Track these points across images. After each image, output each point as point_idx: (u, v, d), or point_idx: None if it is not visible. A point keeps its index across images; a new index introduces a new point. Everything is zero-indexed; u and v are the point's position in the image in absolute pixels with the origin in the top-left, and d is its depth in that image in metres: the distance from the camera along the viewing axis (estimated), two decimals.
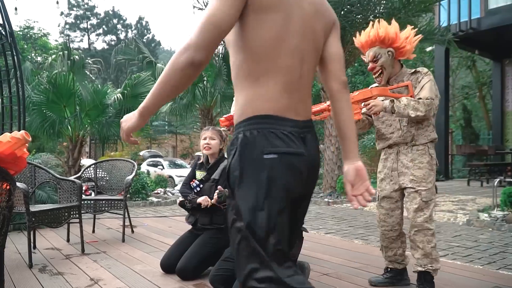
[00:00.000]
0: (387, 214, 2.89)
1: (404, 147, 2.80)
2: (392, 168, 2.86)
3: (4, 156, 1.63)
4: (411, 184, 2.72)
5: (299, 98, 1.42)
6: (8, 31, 5.18)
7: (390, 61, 2.77)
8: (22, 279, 3.09)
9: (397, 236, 2.90)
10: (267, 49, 1.32)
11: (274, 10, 1.31)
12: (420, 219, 2.68)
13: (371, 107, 2.67)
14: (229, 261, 2.77)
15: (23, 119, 5.30)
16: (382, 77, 2.81)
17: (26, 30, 26.81)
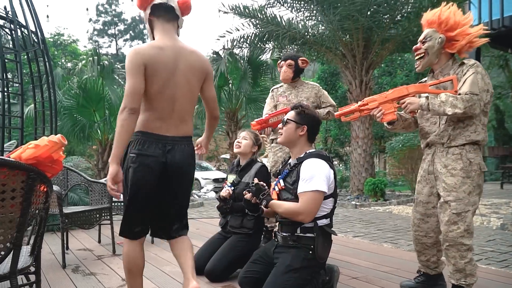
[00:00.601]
0: (421, 220, 2.73)
1: (440, 149, 2.59)
2: (428, 170, 2.68)
3: (42, 159, 1.68)
4: (442, 192, 2.53)
5: (171, 123, 2.22)
6: (40, 38, 5.33)
7: (436, 49, 2.57)
8: (57, 279, 3.17)
9: (432, 244, 2.73)
10: (151, 97, 2.18)
11: (156, 76, 2.16)
12: (452, 234, 2.46)
13: (406, 105, 2.53)
14: (258, 263, 2.78)
15: (54, 123, 5.44)
16: (421, 62, 2.63)
17: (57, 37, 27.53)
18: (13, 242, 1.71)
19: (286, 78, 3.91)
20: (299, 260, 2.49)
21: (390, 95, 2.62)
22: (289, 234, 2.58)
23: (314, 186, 2.43)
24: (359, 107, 2.70)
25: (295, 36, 9.89)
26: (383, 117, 2.63)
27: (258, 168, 3.33)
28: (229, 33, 10.88)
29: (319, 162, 2.51)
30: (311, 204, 2.43)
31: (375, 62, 10.29)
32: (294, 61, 3.86)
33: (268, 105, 4.09)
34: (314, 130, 2.68)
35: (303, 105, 2.75)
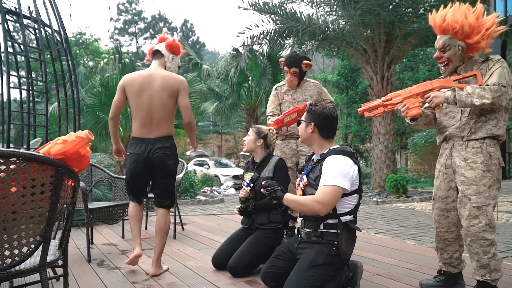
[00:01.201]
0: (442, 215, 2.70)
1: (459, 142, 2.55)
2: (446, 165, 2.64)
3: (69, 155, 1.71)
4: (461, 186, 2.49)
5: (151, 129, 3.16)
6: (63, 37, 5.42)
7: (459, 55, 2.53)
8: (82, 273, 3.23)
9: (454, 239, 2.69)
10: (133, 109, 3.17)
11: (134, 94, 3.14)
12: (474, 228, 2.41)
13: (431, 99, 2.47)
14: (281, 259, 2.78)
15: (78, 121, 5.53)
16: (446, 68, 2.61)
17: (79, 36, 27.98)
18: (43, 235, 1.75)
19: (292, 86, 4.01)
20: (323, 256, 2.48)
21: (414, 90, 2.58)
22: (312, 230, 2.57)
23: (334, 182, 2.41)
24: (383, 102, 2.67)
25: (315, 32, 9.83)
26: (407, 112, 2.59)
27: (276, 161, 3.33)
28: (249, 30, 10.88)
29: (342, 159, 2.49)
30: (328, 196, 2.40)
31: (397, 57, 10.16)
32: (298, 69, 3.93)
33: (272, 103, 4.11)
34: (324, 125, 2.63)
35: (312, 103, 2.74)
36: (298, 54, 4.02)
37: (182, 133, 13.80)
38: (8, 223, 1.63)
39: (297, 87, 4.02)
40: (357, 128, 16.50)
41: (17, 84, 5.57)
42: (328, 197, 2.40)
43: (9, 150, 1.54)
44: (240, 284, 2.92)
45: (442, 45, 2.55)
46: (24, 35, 4.93)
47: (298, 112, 3.64)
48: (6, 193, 1.59)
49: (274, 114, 3.96)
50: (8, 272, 1.71)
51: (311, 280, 2.40)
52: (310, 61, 4.04)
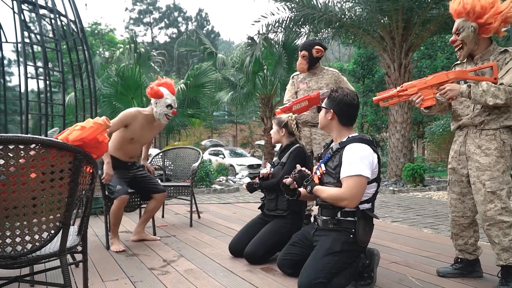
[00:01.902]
0: (458, 199, 2.71)
1: (472, 130, 2.58)
2: (460, 151, 2.67)
3: (88, 141, 1.73)
4: (476, 172, 2.51)
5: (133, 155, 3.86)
6: (79, 27, 5.45)
7: (472, 37, 2.51)
8: (101, 259, 3.28)
9: (469, 224, 2.71)
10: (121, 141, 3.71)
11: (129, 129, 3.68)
12: (490, 212, 2.44)
13: (446, 92, 2.48)
14: (297, 246, 2.78)
15: (94, 110, 5.58)
16: (461, 52, 2.58)
17: (94, 26, 28.17)
18: (62, 221, 1.77)
19: (301, 70, 3.99)
20: (340, 244, 2.47)
21: (429, 81, 2.58)
22: (330, 218, 2.56)
23: (358, 171, 2.38)
24: (398, 92, 2.66)
25: (331, 19, 9.72)
26: (422, 103, 2.60)
27: (293, 148, 3.33)
28: (264, 18, 10.82)
29: (362, 147, 2.47)
30: (355, 189, 2.38)
31: (415, 45, 9.99)
32: (307, 52, 3.89)
33: (289, 91, 4.11)
34: (343, 113, 2.60)
35: (333, 89, 2.70)
36: (313, 40, 4.01)
37: (197, 122, 13.85)
38: (28, 208, 1.65)
39: (313, 75, 3.98)
40: (373, 117, 16.35)
41: (34, 75, 5.61)
42: (354, 190, 2.39)
43: (28, 136, 1.56)
44: (257, 271, 2.93)
45: (456, 27, 2.56)
46: (40, 25, 4.98)
47: (309, 101, 3.62)
48: (26, 179, 1.61)
49: None
50: (29, 257, 1.74)
51: (327, 267, 2.40)
52: (325, 49, 3.99)
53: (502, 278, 2.48)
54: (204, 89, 11.02)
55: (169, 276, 2.84)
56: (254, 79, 14.02)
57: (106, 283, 2.69)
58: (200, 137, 27.45)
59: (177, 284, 2.67)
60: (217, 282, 2.70)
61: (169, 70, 36.99)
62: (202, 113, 11.80)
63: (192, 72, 10.75)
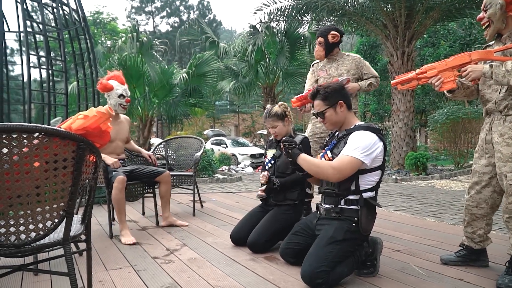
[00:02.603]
0: (475, 189, 2.64)
1: (497, 117, 2.46)
2: (486, 140, 2.56)
3: (91, 130, 1.72)
4: (498, 163, 2.41)
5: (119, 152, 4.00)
6: (81, 16, 5.42)
7: (499, 15, 2.38)
8: (105, 248, 3.30)
9: (482, 216, 2.65)
10: None
11: None
12: (510, 206, 2.37)
13: (468, 73, 2.37)
14: (299, 235, 2.79)
15: (97, 100, 5.58)
16: (488, 31, 2.46)
17: (96, 15, 28.03)
18: (66, 210, 1.78)
19: (318, 57, 3.93)
20: (342, 232, 2.48)
21: (450, 63, 2.47)
22: (332, 206, 2.56)
23: (354, 153, 2.40)
24: (417, 75, 2.58)
25: (334, 7, 9.64)
26: (441, 86, 2.49)
27: (301, 139, 3.27)
28: (266, 6, 10.74)
29: (368, 134, 2.46)
30: (345, 165, 2.39)
31: (418, 32, 9.91)
32: (323, 38, 3.82)
33: (309, 80, 4.05)
34: (346, 98, 2.64)
35: (318, 88, 2.67)
36: (329, 25, 3.95)
37: (200, 112, 13.83)
38: (31, 197, 1.66)
39: (333, 62, 3.91)
40: (376, 106, 16.28)
41: (36, 64, 5.61)
42: (344, 166, 2.39)
43: (32, 125, 1.55)
44: (259, 260, 2.94)
45: (484, 3, 2.45)
46: (42, 15, 4.95)
47: None
48: (29, 168, 1.61)
49: None
50: (33, 246, 1.74)
51: (330, 256, 2.40)
52: (342, 33, 3.87)
53: (509, 267, 2.44)
54: (206, 78, 10.99)
55: (172, 265, 2.85)
56: (256, 68, 13.97)
57: (110, 272, 2.71)
58: (203, 126, 27.44)
59: (180, 272, 2.68)
60: (220, 271, 2.72)
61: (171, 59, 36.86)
62: (205, 102, 11.78)
63: (194, 61, 10.71)
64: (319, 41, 3.85)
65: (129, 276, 2.62)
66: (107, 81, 3.92)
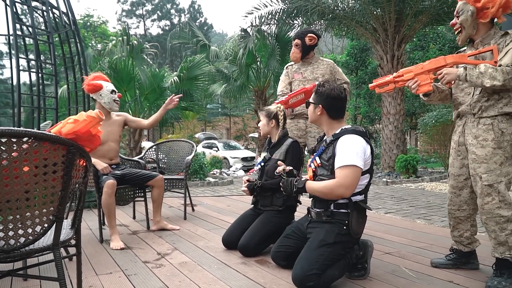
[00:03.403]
0: (453, 193, 2.70)
1: (470, 119, 2.51)
2: (459, 142, 2.62)
3: (81, 134, 1.72)
4: (473, 164, 2.46)
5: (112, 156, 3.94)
6: (71, 19, 5.40)
7: (470, 21, 2.46)
8: (95, 252, 3.28)
9: (466, 217, 2.68)
10: None
11: None
12: (488, 206, 2.40)
13: (443, 76, 2.43)
14: (291, 238, 2.79)
15: (87, 103, 5.55)
16: (460, 36, 2.53)
17: (86, 18, 27.89)
18: (56, 214, 1.77)
19: (294, 59, 3.92)
20: (333, 235, 2.48)
21: (426, 66, 2.53)
22: (323, 210, 2.57)
23: (352, 161, 2.39)
24: (394, 78, 2.63)
25: (324, 11, 9.70)
26: (418, 89, 2.55)
27: (289, 144, 3.29)
28: (257, 10, 10.76)
29: (356, 138, 2.47)
30: (350, 178, 2.38)
31: (408, 36, 10.00)
32: (301, 40, 3.84)
33: (282, 82, 4.05)
34: (332, 107, 2.59)
35: (321, 83, 2.70)
36: (306, 28, 3.97)
37: (191, 115, 13.81)
38: (21, 202, 1.64)
39: (308, 65, 3.93)
40: (367, 109, 16.38)
41: (26, 67, 5.56)
42: (349, 179, 2.38)
43: (21, 129, 1.54)
44: (251, 263, 2.94)
45: (456, 9, 2.53)
46: (32, 18, 4.93)
47: (306, 93, 3.56)
48: (19, 173, 1.60)
49: (284, 94, 3.89)
50: (22, 251, 1.73)
51: (321, 259, 2.41)
52: (318, 36, 3.91)
53: (497, 270, 2.47)
54: (197, 81, 10.97)
55: (163, 269, 2.84)
56: (247, 72, 13.99)
57: (100, 277, 2.69)
58: (194, 130, 27.39)
59: (171, 277, 2.67)
60: (212, 274, 2.71)
61: (162, 63, 36.77)
62: (196, 105, 11.76)
63: (185, 65, 10.69)
64: (296, 43, 3.87)
65: (119, 281, 2.61)
66: (94, 81, 3.91)
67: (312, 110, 2.67)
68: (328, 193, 2.46)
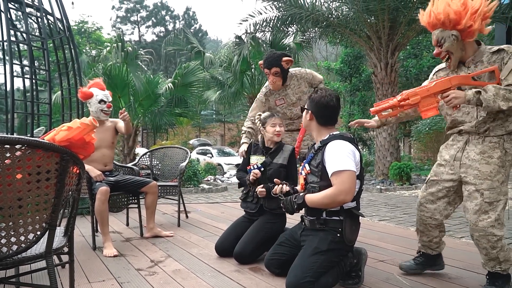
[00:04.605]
0: (430, 200, 2.65)
1: (475, 137, 2.45)
2: (455, 157, 2.53)
3: (74, 141, 1.71)
4: (474, 180, 2.39)
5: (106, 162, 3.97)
6: (65, 25, 5.39)
7: (456, 45, 2.38)
8: (88, 260, 3.26)
9: (436, 226, 2.68)
10: None
11: None
12: (482, 223, 2.35)
13: (451, 100, 2.31)
14: (284, 246, 2.79)
15: (81, 109, 5.52)
16: (450, 62, 2.46)
17: (81, 25, 27.88)
18: (49, 222, 1.76)
19: (277, 87, 3.72)
20: (326, 243, 2.49)
21: (432, 89, 2.43)
22: (316, 218, 2.57)
23: (345, 166, 2.38)
24: (399, 102, 2.53)
25: (319, 19, 9.76)
26: (425, 114, 2.47)
27: (290, 150, 3.31)
28: (252, 17, 10.81)
29: (343, 144, 2.47)
30: (347, 183, 2.36)
31: (401, 44, 10.08)
32: (279, 67, 3.63)
33: (257, 107, 3.86)
34: (320, 114, 2.59)
35: (315, 89, 2.74)
36: (275, 53, 3.74)
37: (185, 121, 13.80)
38: (14, 210, 1.63)
39: (286, 88, 3.77)
40: (361, 116, 16.43)
41: (20, 73, 5.54)
42: (347, 184, 2.36)
43: (14, 136, 1.54)
44: (245, 271, 2.94)
45: (436, 40, 2.44)
46: (26, 24, 4.92)
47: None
48: (12, 180, 1.59)
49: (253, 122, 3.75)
50: (14, 259, 1.72)
51: (315, 266, 2.41)
52: (290, 57, 3.75)
53: (490, 279, 2.48)
54: (191, 88, 10.97)
55: (156, 276, 2.83)
56: (242, 78, 14.02)
57: (93, 284, 2.67)
58: (188, 136, 27.35)
59: (164, 285, 2.66)
60: (205, 282, 2.70)
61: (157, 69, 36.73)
62: (190, 112, 11.75)
63: (180, 71, 10.69)
64: (274, 71, 3.63)
65: None
66: (88, 89, 3.96)
67: (304, 115, 2.70)
68: (330, 203, 2.43)
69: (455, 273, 2.87)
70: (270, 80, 3.69)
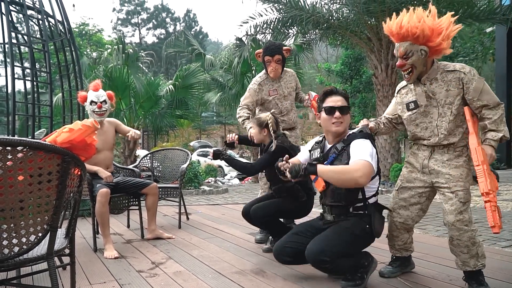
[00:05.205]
0: (403, 206, 2.70)
1: (440, 147, 2.55)
2: (423, 164, 2.61)
3: (76, 143, 1.72)
4: (447, 183, 2.48)
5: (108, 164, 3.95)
6: (66, 28, 5.40)
7: (422, 60, 2.45)
8: (89, 262, 3.26)
9: (407, 230, 2.79)
10: None
11: None
12: (459, 223, 2.42)
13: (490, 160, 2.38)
14: (302, 236, 2.73)
15: (82, 111, 5.53)
16: (411, 76, 2.52)
17: (82, 27, 27.93)
18: (50, 224, 1.76)
19: (276, 74, 3.87)
20: (360, 228, 2.53)
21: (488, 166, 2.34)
22: (342, 212, 2.62)
23: (368, 159, 2.40)
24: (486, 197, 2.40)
25: (319, 21, 9.76)
26: None
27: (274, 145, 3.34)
28: (252, 19, 10.80)
29: (367, 143, 2.51)
30: (367, 167, 2.35)
31: None
32: (281, 55, 3.81)
33: (250, 96, 3.92)
34: None
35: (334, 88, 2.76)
36: (275, 42, 3.98)
37: (186, 123, 13.81)
38: (15, 211, 1.64)
39: (279, 80, 3.94)
40: (361, 118, 16.43)
41: (21, 75, 5.56)
42: (367, 169, 2.36)
43: (16, 138, 1.54)
44: (246, 273, 2.93)
45: (403, 52, 2.46)
46: (27, 26, 4.92)
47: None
48: (13, 182, 1.60)
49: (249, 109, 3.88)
50: (16, 261, 1.72)
51: (342, 244, 2.47)
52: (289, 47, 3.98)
53: (473, 282, 2.50)
54: (192, 90, 10.99)
55: (157, 278, 2.83)
56: (242, 80, 14.02)
57: (94, 286, 2.67)
58: (189, 138, 27.37)
59: (165, 286, 2.66)
60: (206, 284, 2.70)
61: (158, 71, 36.77)
62: (191, 114, 11.77)
63: (181, 73, 10.71)
64: (277, 59, 3.79)
65: None
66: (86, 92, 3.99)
67: None
68: (344, 178, 2.38)
69: (455, 274, 2.87)
70: (272, 67, 3.83)
